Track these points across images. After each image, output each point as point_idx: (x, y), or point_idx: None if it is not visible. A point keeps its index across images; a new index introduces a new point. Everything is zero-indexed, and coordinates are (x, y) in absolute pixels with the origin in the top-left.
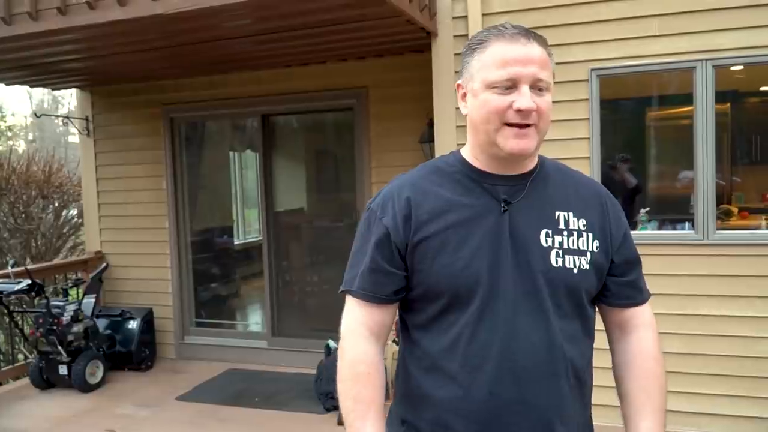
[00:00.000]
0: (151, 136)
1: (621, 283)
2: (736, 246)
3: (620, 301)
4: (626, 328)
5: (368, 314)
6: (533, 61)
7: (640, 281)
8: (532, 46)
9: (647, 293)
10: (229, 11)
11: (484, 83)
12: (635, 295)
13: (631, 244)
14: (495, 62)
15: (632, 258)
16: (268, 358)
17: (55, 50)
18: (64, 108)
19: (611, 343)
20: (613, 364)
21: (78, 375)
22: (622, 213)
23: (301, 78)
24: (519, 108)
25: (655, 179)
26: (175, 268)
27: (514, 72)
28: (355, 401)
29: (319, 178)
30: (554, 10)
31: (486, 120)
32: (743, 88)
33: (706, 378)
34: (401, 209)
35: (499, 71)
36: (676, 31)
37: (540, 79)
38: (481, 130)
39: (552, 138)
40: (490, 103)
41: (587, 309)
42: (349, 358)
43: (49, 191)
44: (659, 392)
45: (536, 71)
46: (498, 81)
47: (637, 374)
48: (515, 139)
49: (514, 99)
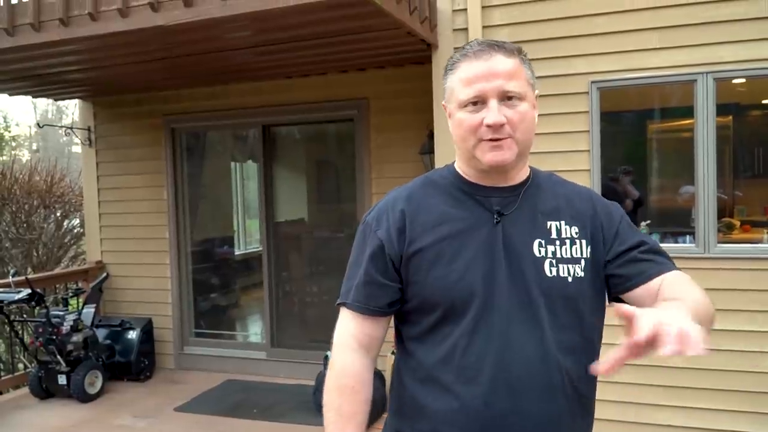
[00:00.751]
0: (152, 146)
1: (636, 258)
2: (738, 260)
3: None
4: (658, 295)
5: (360, 327)
6: (497, 75)
7: (658, 255)
8: (495, 60)
9: (672, 262)
10: (229, 23)
11: (457, 103)
12: (659, 265)
13: (632, 232)
14: (462, 81)
15: (636, 242)
16: (267, 369)
17: (57, 61)
18: (68, 118)
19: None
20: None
21: (77, 385)
22: (613, 207)
23: (302, 89)
24: (487, 123)
25: (656, 192)
26: (175, 278)
27: (479, 88)
28: (336, 414)
29: (320, 189)
30: (555, 23)
31: (463, 138)
32: (745, 101)
33: (706, 392)
34: (395, 222)
35: (466, 90)
36: (676, 44)
37: (507, 90)
38: (462, 147)
39: (552, 150)
40: (464, 122)
41: (588, 319)
42: (337, 370)
43: (51, 201)
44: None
45: (502, 83)
46: (466, 99)
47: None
48: (491, 152)
49: (484, 115)
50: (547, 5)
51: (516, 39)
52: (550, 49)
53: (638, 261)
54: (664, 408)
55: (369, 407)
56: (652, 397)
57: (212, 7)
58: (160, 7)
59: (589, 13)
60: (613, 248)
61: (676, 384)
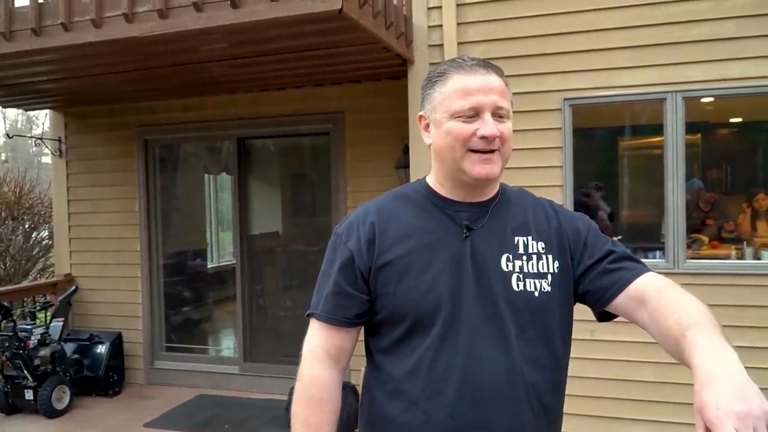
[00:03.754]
0: (125, 157)
1: (606, 269)
2: (706, 275)
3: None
4: (641, 298)
5: (328, 338)
6: (493, 90)
7: (628, 261)
8: (491, 76)
9: (644, 265)
10: (204, 35)
11: (448, 113)
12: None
13: (601, 241)
14: (457, 93)
15: (604, 252)
16: (240, 384)
17: (29, 71)
18: (38, 128)
19: (636, 319)
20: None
21: (44, 400)
22: (579, 220)
23: (278, 102)
24: (483, 135)
25: (627, 207)
26: (146, 291)
27: (476, 101)
28: (303, 425)
29: (295, 202)
30: (529, 40)
31: (452, 148)
32: (713, 119)
33: (677, 406)
34: (365, 233)
35: (462, 101)
36: (647, 62)
37: (500, 107)
38: (447, 158)
39: (525, 166)
40: (455, 131)
41: (554, 333)
42: (304, 381)
43: (19, 212)
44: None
45: (497, 99)
46: (461, 110)
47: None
48: (481, 165)
49: (477, 126)
50: (521, 23)
51: (491, 56)
52: (524, 66)
53: (611, 271)
54: (635, 422)
55: (337, 418)
56: (623, 412)
57: (187, 20)
58: (134, 18)
59: (563, 31)
60: (583, 262)
61: (645, 398)
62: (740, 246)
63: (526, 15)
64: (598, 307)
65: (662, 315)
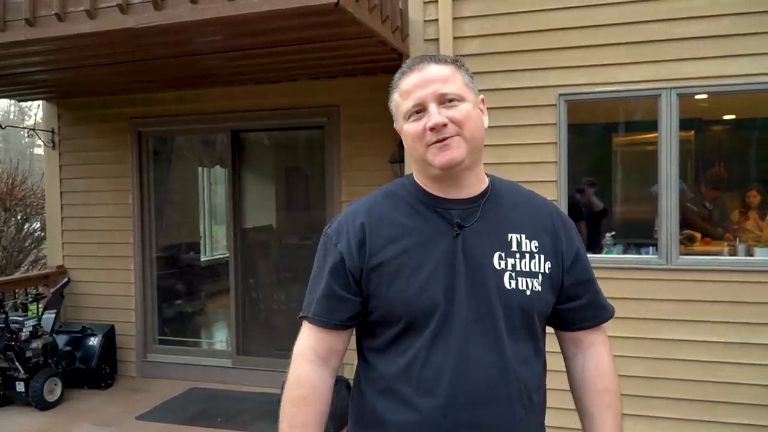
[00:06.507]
0: (118, 149)
1: (579, 306)
2: (699, 271)
3: (585, 323)
4: (582, 343)
5: (319, 339)
6: (432, 81)
7: (600, 298)
8: (428, 68)
9: (611, 307)
10: (200, 27)
11: (402, 116)
12: (599, 313)
13: (584, 265)
14: (402, 95)
15: (584, 279)
16: (233, 377)
17: (22, 62)
18: (31, 119)
19: (566, 359)
20: (570, 379)
21: (35, 392)
22: (574, 233)
23: (273, 95)
24: (429, 126)
25: (621, 203)
26: (139, 284)
27: (417, 96)
28: (288, 425)
29: (289, 196)
30: (524, 36)
31: (414, 147)
32: (707, 116)
33: (667, 402)
34: (355, 235)
35: (406, 102)
36: (642, 59)
37: (444, 93)
38: (416, 158)
39: (520, 161)
40: (410, 131)
41: (538, 331)
42: (291, 381)
43: (11, 204)
44: (620, 410)
45: (438, 87)
46: (408, 110)
47: (601, 393)
48: (441, 153)
49: (426, 121)
50: (517, 18)
51: (486, 51)
52: (519, 62)
53: (587, 307)
54: (626, 417)
55: (323, 419)
56: None
57: (183, 11)
58: (129, 10)
59: (559, 27)
60: (572, 273)
61: (636, 393)
62: (733, 242)
63: (522, 10)
64: (553, 324)
65: (595, 396)
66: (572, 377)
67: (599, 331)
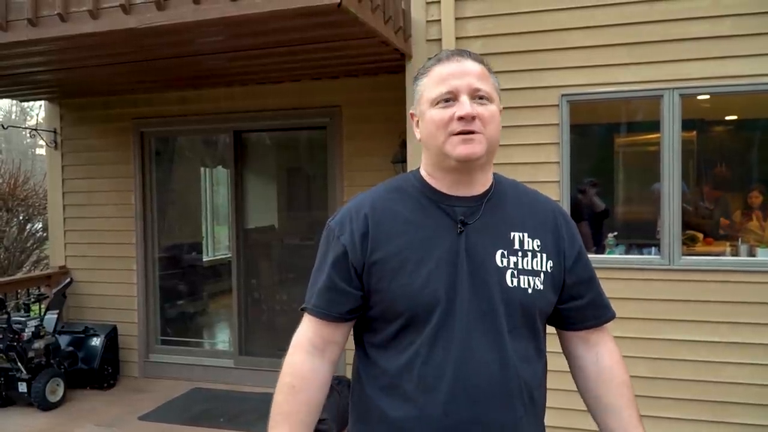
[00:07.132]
0: (120, 150)
1: (581, 306)
2: (701, 272)
3: (587, 323)
4: (590, 341)
5: (317, 330)
6: (468, 74)
7: (601, 298)
8: (466, 62)
9: (612, 309)
10: (202, 27)
11: (429, 101)
12: (602, 313)
13: (586, 264)
14: (434, 81)
15: (586, 278)
16: (235, 378)
17: (24, 62)
18: (33, 120)
19: (575, 358)
20: (583, 378)
21: (38, 393)
22: (576, 232)
23: (275, 95)
24: (460, 115)
25: (623, 203)
26: (141, 284)
27: (451, 85)
28: (276, 412)
29: (291, 196)
30: (527, 36)
31: (434, 135)
32: (710, 117)
33: (670, 402)
34: (359, 227)
35: (438, 87)
36: (644, 59)
37: (478, 88)
38: (432, 146)
39: (522, 161)
40: (435, 117)
41: (540, 330)
42: (283, 370)
43: (13, 204)
44: (635, 401)
45: (473, 81)
46: (439, 96)
47: (621, 386)
48: (462, 145)
49: (455, 110)
50: (519, 19)
51: (489, 51)
52: (522, 62)
53: (589, 306)
54: None
55: (312, 410)
56: None
57: (185, 11)
58: (131, 10)
59: (561, 27)
60: (573, 272)
61: (638, 393)
62: (735, 243)
63: (525, 11)
64: (554, 323)
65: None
66: (586, 374)
67: (605, 330)
